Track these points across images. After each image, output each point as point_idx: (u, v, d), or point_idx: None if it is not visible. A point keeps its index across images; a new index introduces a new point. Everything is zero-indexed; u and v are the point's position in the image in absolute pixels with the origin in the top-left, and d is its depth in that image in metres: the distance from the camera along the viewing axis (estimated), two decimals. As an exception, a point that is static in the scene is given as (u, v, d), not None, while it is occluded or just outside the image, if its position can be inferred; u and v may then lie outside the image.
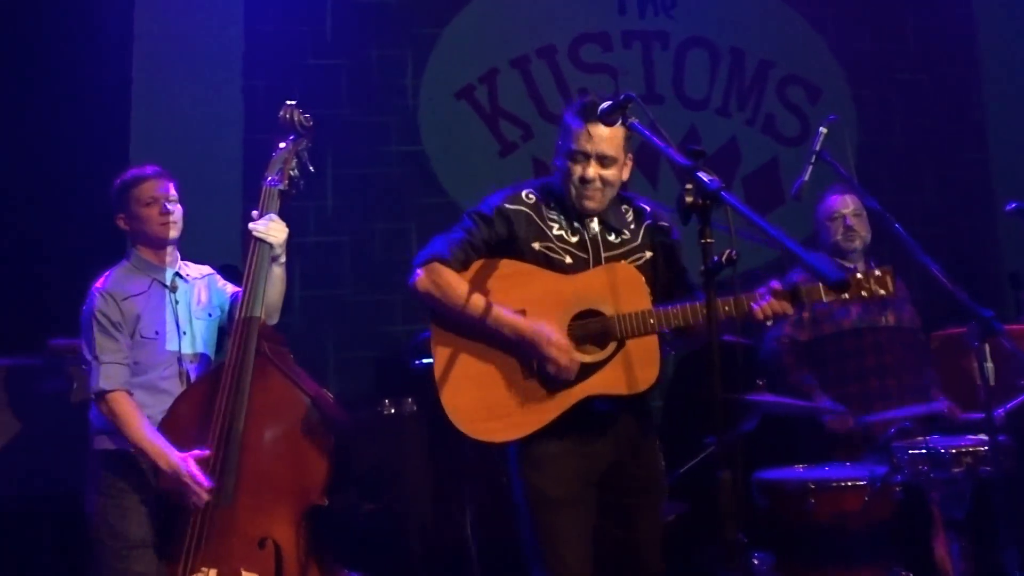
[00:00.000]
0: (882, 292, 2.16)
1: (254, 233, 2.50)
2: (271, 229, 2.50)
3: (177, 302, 2.65)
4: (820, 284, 2.06)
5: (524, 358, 2.21)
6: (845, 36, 4.93)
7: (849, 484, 2.76)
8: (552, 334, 2.17)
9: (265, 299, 2.49)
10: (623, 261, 2.31)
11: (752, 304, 2.11)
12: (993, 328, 2.38)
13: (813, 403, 3.09)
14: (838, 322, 3.25)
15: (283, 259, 2.61)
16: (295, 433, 2.42)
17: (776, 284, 2.13)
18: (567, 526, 2.20)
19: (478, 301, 2.22)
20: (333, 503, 2.62)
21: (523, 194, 2.36)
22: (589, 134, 2.24)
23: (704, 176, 1.57)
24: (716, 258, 1.57)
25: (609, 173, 2.27)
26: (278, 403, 2.44)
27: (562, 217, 2.34)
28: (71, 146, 3.89)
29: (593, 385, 2.20)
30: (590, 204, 2.30)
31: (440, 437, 4.08)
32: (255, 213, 2.55)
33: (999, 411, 3.06)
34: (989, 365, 4.03)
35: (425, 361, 3.31)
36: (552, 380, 2.19)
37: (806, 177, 2.70)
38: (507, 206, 2.33)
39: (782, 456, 3.12)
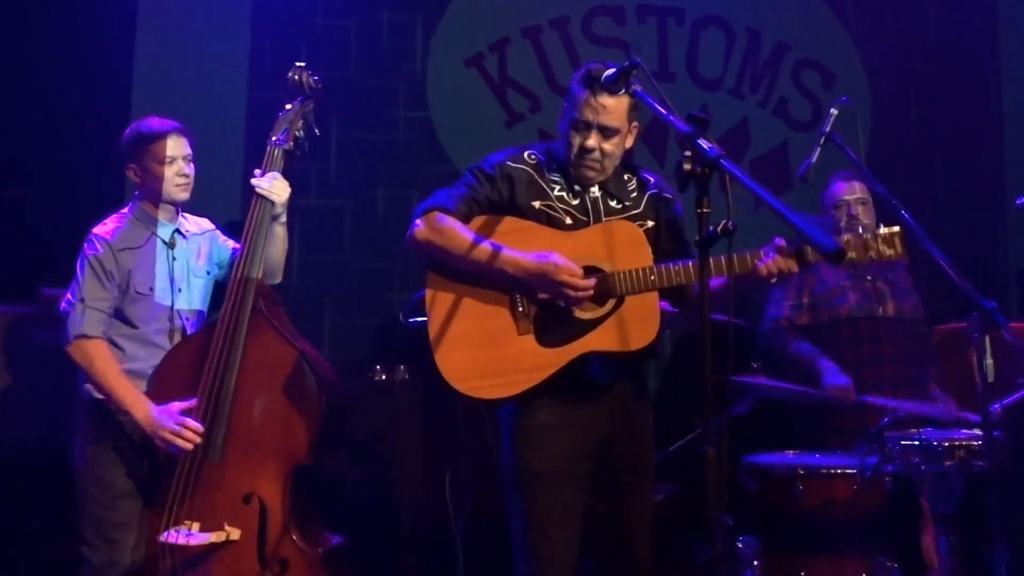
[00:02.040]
0: (890, 253, 2.11)
1: (256, 190, 2.49)
2: (274, 187, 2.49)
3: (174, 259, 2.64)
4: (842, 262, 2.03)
5: (519, 312, 2.17)
6: (865, 23, 4.85)
7: (839, 472, 2.74)
8: (559, 259, 2.11)
9: (265, 258, 2.48)
10: (641, 225, 2.28)
11: (757, 261, 2.08)
12: (995, 320, 2.34)
13: (812, 380, 3.05)
14: (835, 309, 3.21)
15: (284, 218, 2.59)
16: (286, 391, 2.42)
17: (781, 241, 2.08)
18: (556, 504, 2.15)
19: (481, 244, 2.17)
20: (321, 466, 2.62)
21: (526, 154, 2.34)
22: (592, 104, 2.21)
23: (704, 143, 1.54)
24: (712, 228, 1.54)
25: (610, 145, 2.25)
26: (271, 360, 2.43)
27: (563, 180, 2.31)
28: (71, 95, 3.85)
29: (590, 341, 2.16)
30: (588, 174, 2.29)
31: (433, 406, 4.08)
32: (258, 171, 2.53)
33: (995, 406, 3.04)
34: (989, 361, 4.02)
35: (420, 319, 3.36)
36: (549, 337, 2.14)
37: (814, 159, 2.66)
38: (510, 164, 2.30)
39: (774, 441, 3.10)
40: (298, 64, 2.67)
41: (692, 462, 2.80)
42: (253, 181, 2.50)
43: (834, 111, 2.67)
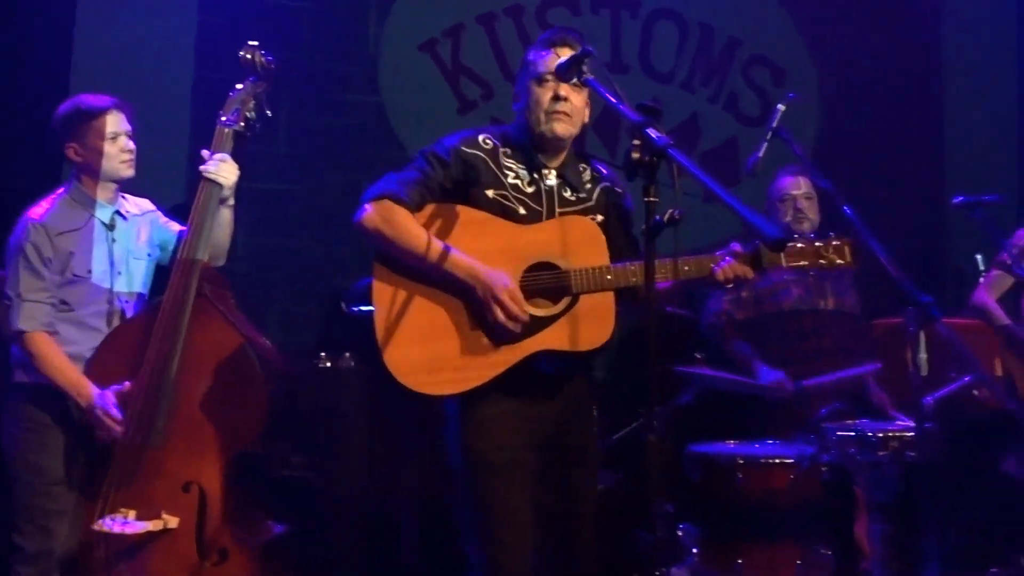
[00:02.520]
0: (840, 262, 2.14)
1: (204, 173, 2.43)
2: (222, 169, 2.44)
3: (114, 240, 2.57)
4: (779, 252, 2.06)
5: (474, 307, 2.12)
6: (815, 21, 4.93)
7: (777, 461, 2.81)
8: (509, 282, 2.08)
9: (211, 241, 2.43)
10: (593, 218, 2.24)
11: (714, 266, 2.08)
12: (931, 314, 2.41)
13: (750, 378, 3.11)
14: (778, 303, 3.28)
15: (232, 201, 2.55)
16: (231, 378, 2.38)
17: (737, 246, 2.10)
18: (507, 495, 2.12)
19: (432, 243, 2.11)
20: (265, 454, 2.59)
21: (480, 138, 2.27)
22: (558, 56, 2.15)
23: (653, 133, 1.55)
24: (658, 217, 1.55)
25: (577, 99, 2.20)
26: (215, 346, 2.39)
27: (520, 166, 2.26)
28: (5, 72, 3.72)
29: (543, 340, 2.12)
30: (560, 127, 2.20)
31: (379, 393, 4.06)
32: (206, 152, 2.48)
33: (928, 399, 3.13)
34: (923, 355, 4.14)
35: (363, 308, 3.21)
36: (501, 333, 2.10)
37: (761, 153, 2.70)
38: (465, 149, 2.23)
39: (716, 431, 3.15)
40: (250, 43, 2.60)
41: (636, 451, 2.85)
42: (202, 167, 2.45)
43: (781, 107, 2.71)
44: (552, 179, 2.27)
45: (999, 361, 3.95)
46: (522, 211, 2.21)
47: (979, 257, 4.00)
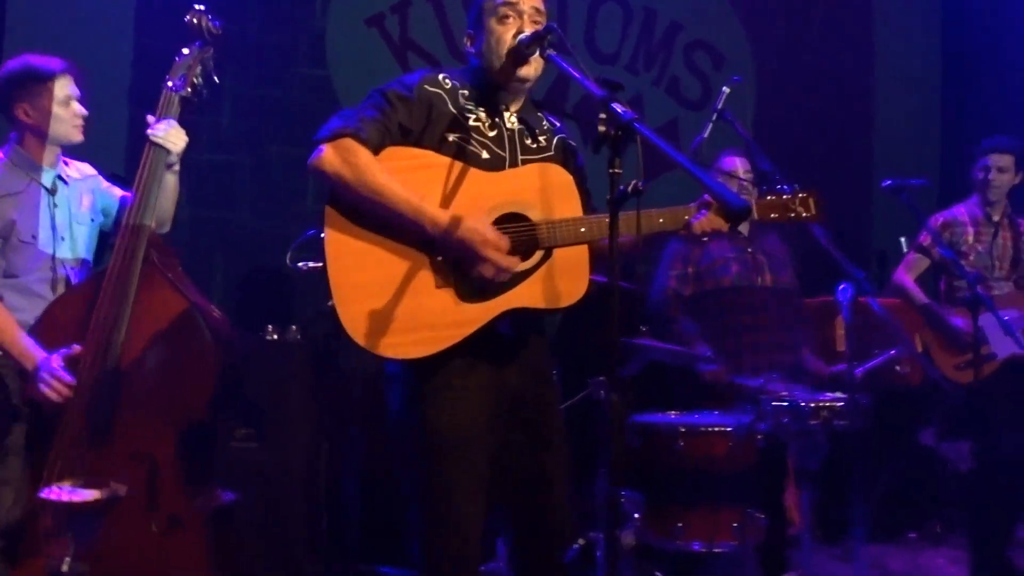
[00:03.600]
0: (806, 214, 2.17)
1: (152, 138, 2.39)
2: (170, 135, 2.40)
3: (56, 206, 2.52)
4: (753, 203, 2.07)
5: (438, 262, 1.95)
6: (753, 8, 5.07)
7: (716, 430, 2.92)
8: (488, 232, 1.92)
9: (157, 207, 2.39)
10: (550, 163, 2.10)
11: (690, 219, 2.02)
12: (864, 288, 2.54)
13: (693, 351, 3.22)
14: (719, 279, 3.39)
15: (177, 167, 2.52)
16: (181, 345, 2.35)
17: (708, 198, 2.03)
18: (465, 472, 1.98)
19: (399, 190, 1.92)
20: (212, 422, 2.58)
21: (440, 77, 2.10)
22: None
23: (618, 107, 1.59)
24: (622, 187, 1.59)
25: None
26: (164, 314, 2.35)
27: (479, 108, 2.10)
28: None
29: (517, 297, 1.96)
30: (527, 71, 2.07)
31: (325, 366, 4.07)
32: (151, 118, 2.44)
33: (858, 370, 3.30)
34: (844, 333, 4.33)
35: (311, 264, 3.08)
36: (470, 290, 1.94)
37: (706, 134, 2.79)
38: (428, 87, 2.06)
39: (660, 402, 3.26)
40: (197, 7, 2.55)
41: (580, 421, 2.93)
42: (149, 130, 2.41)
43: (726, 89, 2.81)
44: (514, 122, 2.14)
45: (918, 338, 4.16)
46: (485, 155, 2.05)
47: (903, 240, 4.17)
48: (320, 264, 1.97)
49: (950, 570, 3.79)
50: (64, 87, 2.49)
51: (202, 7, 2.55)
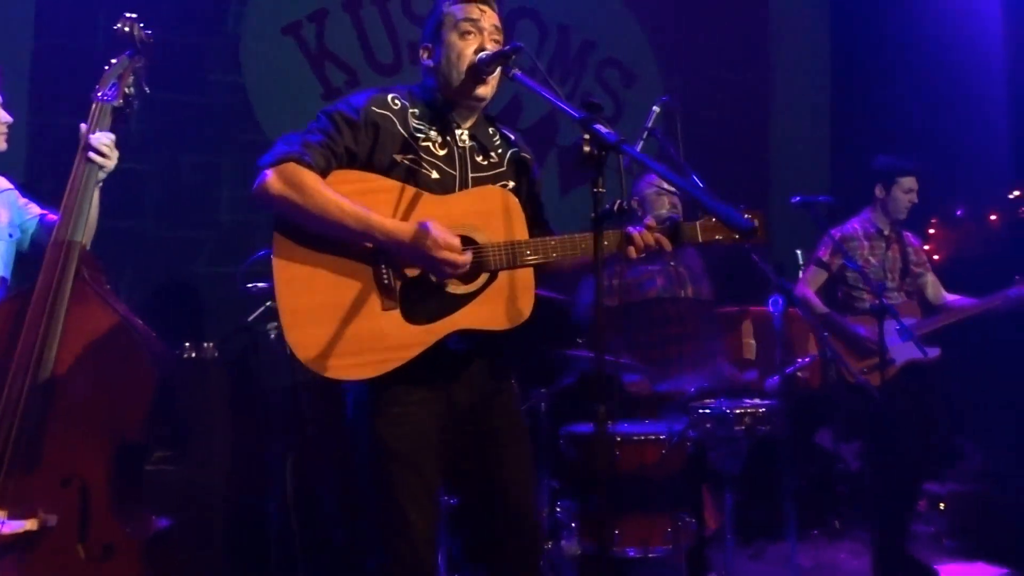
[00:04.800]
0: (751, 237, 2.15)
1: (90, 154, 2.28)
2: (105, 151, 2.31)
3: (-30, 219, 2.37)
4: (696, 224, 2.07)
5: (385, 285, 1.97)
6: (661, 29, 5.26)
7: (651, 438, 3.01)
8: (438, 232, 1.91)
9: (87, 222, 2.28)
10: (498, 185, 2.12)
11: (630, 230, 2.02)
12: (795, 300, 2.68)
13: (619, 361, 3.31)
14: (644, 291, 3.50)
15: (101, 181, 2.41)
16: (114, 363, 2.24)
17: (650, 220, 2.06)
18: (417, 484, 2.00)
19: (348, 207, 1.92)
20: (144, 443, 2.47)
21: (389, 97, 2.08)
22: (479, 8, 2.08)
23: (602, 128, 1.63)
24: (608, 206, 1.63)
25: None
26: (97, 332, 2.24)
27: (430, 127, 2.10)
28: None
29: (462, 319, 1.99)
30: (484, 90, 2.09)
31: (243, 383, 3.95)
32: (84, 127, 2.33)
33: (773, 378, 3.47)
34: (751, 341, 4.53)
35: (259, 285, 3.18)
36: (416, 312, 1.97)
37: (637, 150, 2.87)
38: (375, 109, 2.04)
39: (584, 413, 3.32)
40: (128, 15, 2.46)
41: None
42: (90, 141, 2.30)
43: (656, 108, 2.90)
44: (466, 138, 2.14)
45: (815, 346, 4.41)
46: (435, 175, 2.06)
47: (799, 252, 4.40)
48: (268, 285, 2.01)
49: (852, 563, 4.02)
50: None
51: (133, 15, 2.46)
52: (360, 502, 2.14)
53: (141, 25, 2.47)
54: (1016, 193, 4.84)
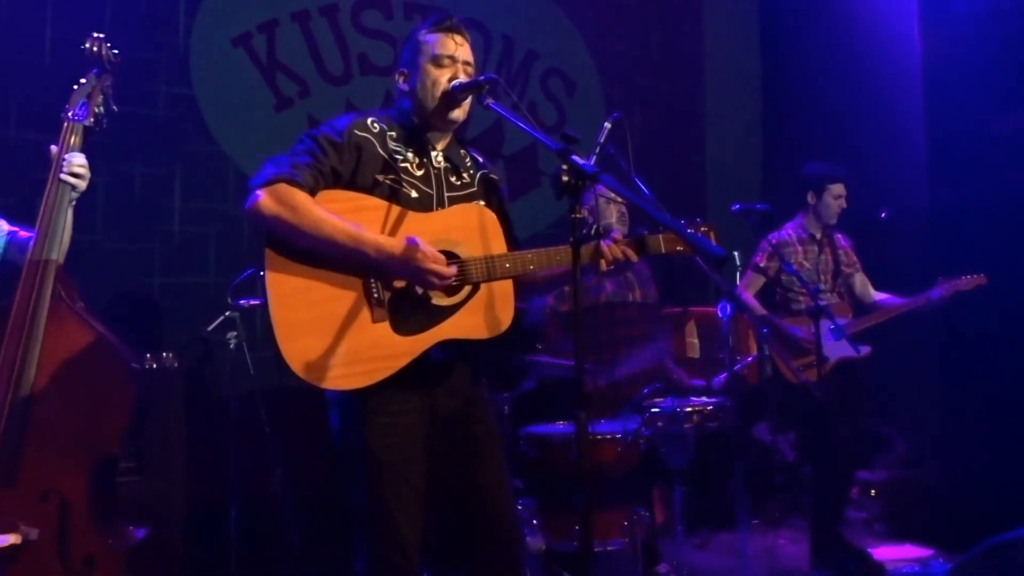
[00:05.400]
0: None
1: (62, 175, 2.32)
2: (77, 171, 2.35)
3: (-60, 237, 2.38)
4: (659, 237, 2.25)
5: (374, 299, 2.07)
6: (600, 39, 5.45)
7: (608, 437, 3.17)
8: (425, 247, 2.04)
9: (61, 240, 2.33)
10: (475, 203, 2.26)
11: (601, 244, 2.14)
12: (742, 305, 2.86)
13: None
14: (595, 296, 3.66)
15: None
16: (93, 380, 2.29)
17: (616, 234, 2.23)
18: (405, 490, 2.10)
19: (338, 224, 2.03)
20: (118, 458, 2.51)
21: (369, 121, 2.21)
22: (455, 40, 2.23)
23: (578, 160, 1.77)
24: (587, 230, 1.77)
25: None
26: (75, 349, 2.29)
27: (407, 149, 2.23)
28: None
29: (447, 329, 2.11)
30: (458, 114, 2.23)
31: (200, 395, 3.98)
32: (54, 148, 2.37)
33: (719, 377, 3.67)
34: (694, 340, 4.74)
35: (252, 302, 3.33)
36: (404, 324, 2.08)
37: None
38: (357, 132, 2.17)
39: (556, 413, 3.45)
40: (96, 35, 2.52)
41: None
42: (64, 164, 2.34)
43: (607, 124, 3.04)
44: (440, 159, 2.27)
45: (754, 346, 4.64)
46: (414, 194, 2.18)
47: (736, 253, 4.62)
48: (260, 302, 2.09)
49: (791, 549, 4.25)
50: None
51: (101, 35, 2.51)
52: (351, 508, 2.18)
53: (108, 44, 2.52)
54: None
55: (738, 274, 4.36)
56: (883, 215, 5.19)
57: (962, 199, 4.87)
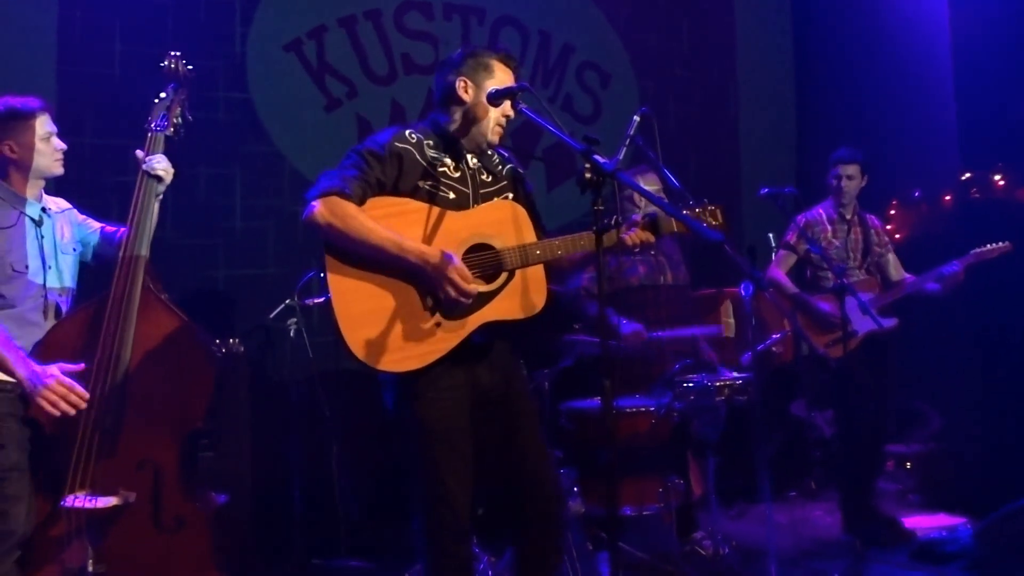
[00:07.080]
0: (715, 223, 2.54)
1: (149, 171, 2.63)
2: (163, 167, 2.65)
3: (43, 237, 2.68)
4: (672, 219, 2.46)
5: (423, 289, 2.33)
6: (634, 32, 5.63)
7: (641, 410, 3.39)
8: (456, 260, 2.30)
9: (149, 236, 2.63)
10: (507, 198, 2.53)
11: (622, 235, 2.41)
12: (763, 285, 3.05)
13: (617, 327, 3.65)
14: (627, 279, 3.86)
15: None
16: (180, 362, 2.59)
17: (637, 217, 2.49)
18: (455, 457, 2.35)
19: (383, 232, 2.29)
20: (202, 431, 2.81)
21: (407, 133, 2.46)
22: (514, 75, 2.52)
23: (600, 159, 1.99)
24: (606, 220, 1.99)
25: None
26: (163, 335, 2.59)
27: (444, 155, 2.48)
28: None
29: (488, 313, 2.37)
30: (496, 139, 2.53)
31: (263, 378, 4.29)
32: (140, 153, 2.67)
33: (747, 355, 3.85)
34: (730, 320, 4.91)
35: (316, 301, 3.62)
36: (450, 310, 2.33)
37: (620, 157, 3.22)
38: (397, 144, 2.42)
39: (593, 390, 3.67)
40: (172, 53, 2.82)
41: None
42: (146, 165, 2.66)
43: (637, 118, 3.23)
44: (473, 160, 2.53)
45: (787, 323, 4.80)
46: (452, 195, 2.44)
47: (771, 235, 4.78)
48: (323, 299, 2.36)
49: (826, 520, 4.43)
50: (44, 124, 2.67)
51: (177, 53, 2.79)
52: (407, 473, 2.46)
53: (184, 61, 2.81)
54: (967, 175, 5.24)
55: (772, 253, 4.55)
56: (916, 195, 5.31)
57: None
